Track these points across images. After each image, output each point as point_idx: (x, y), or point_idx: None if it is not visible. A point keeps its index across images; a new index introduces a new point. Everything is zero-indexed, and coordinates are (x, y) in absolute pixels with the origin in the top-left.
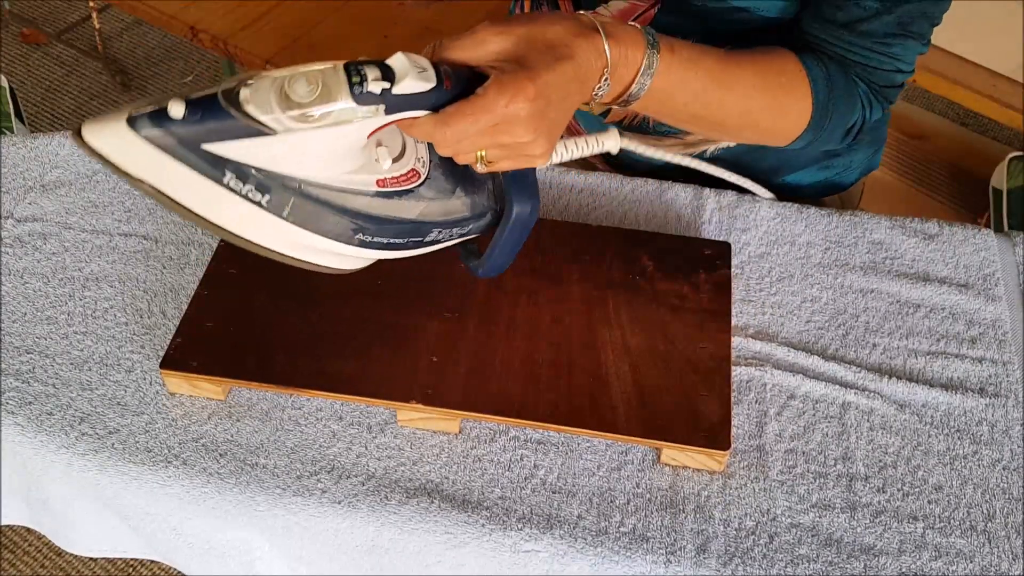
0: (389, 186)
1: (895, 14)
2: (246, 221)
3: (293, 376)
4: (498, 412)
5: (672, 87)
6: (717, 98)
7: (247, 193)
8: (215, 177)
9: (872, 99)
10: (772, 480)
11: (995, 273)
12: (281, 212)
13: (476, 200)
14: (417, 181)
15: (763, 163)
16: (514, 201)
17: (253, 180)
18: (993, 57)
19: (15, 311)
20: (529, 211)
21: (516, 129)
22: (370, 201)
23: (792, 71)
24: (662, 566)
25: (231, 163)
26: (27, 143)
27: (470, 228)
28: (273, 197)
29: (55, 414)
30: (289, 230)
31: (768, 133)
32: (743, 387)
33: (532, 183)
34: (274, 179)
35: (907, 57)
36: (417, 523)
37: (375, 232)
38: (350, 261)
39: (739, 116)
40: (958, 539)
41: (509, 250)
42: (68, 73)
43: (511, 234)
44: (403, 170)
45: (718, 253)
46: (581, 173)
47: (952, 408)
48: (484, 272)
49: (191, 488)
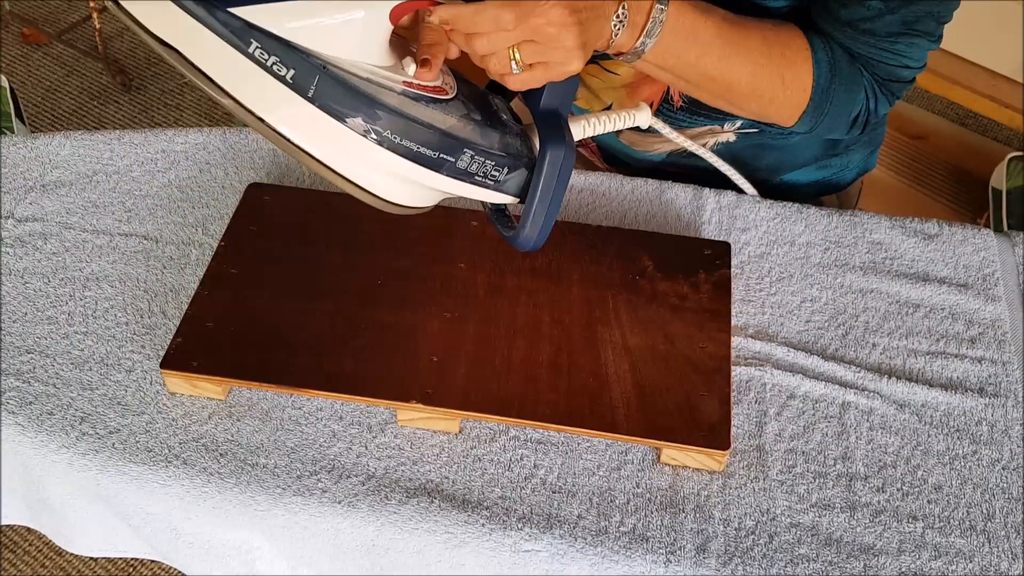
0: (417, 89)
1: (899, 14)
2: (270, 99)
3: (293, 376)
4: (498, 412)
5: (683, 35)
6: (725, 56)
7: (272, 66)
8: (241, 46)
9: (877, 91)
10: (772, 480)
11: (995, 273)
12: (306, 91)
13: (509, 142)
14: (445, 96)
15: (761, 161)
16: (548, 144)
17: (279, 52)
18: (993, 57)
19: (15, 311)
20: (563, 155)
21: (553, 13)
22: (398, 98)
23: (797, 47)
24: (662, 566)
25: (257, 31)
26: (27, 143)
27: (505, 173)
28: (298, 73)
29: (55, 414)
30: (314, 115)
31: (772, 105)
32: (743, 387)
33: (567, 129)
34: (300, 55)
35: (914, 54)
36: (417, 523)
37: (403, 132)
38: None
39: (747, 79)
40: (958, 539)
41: (545, 205)
42: (68, 73)
43: (547, 182)
44: (430, 83)
45: (718, 253)
46: (581, 173)
47: (952, 408)
48: (523, 238)
49: (191, 488)
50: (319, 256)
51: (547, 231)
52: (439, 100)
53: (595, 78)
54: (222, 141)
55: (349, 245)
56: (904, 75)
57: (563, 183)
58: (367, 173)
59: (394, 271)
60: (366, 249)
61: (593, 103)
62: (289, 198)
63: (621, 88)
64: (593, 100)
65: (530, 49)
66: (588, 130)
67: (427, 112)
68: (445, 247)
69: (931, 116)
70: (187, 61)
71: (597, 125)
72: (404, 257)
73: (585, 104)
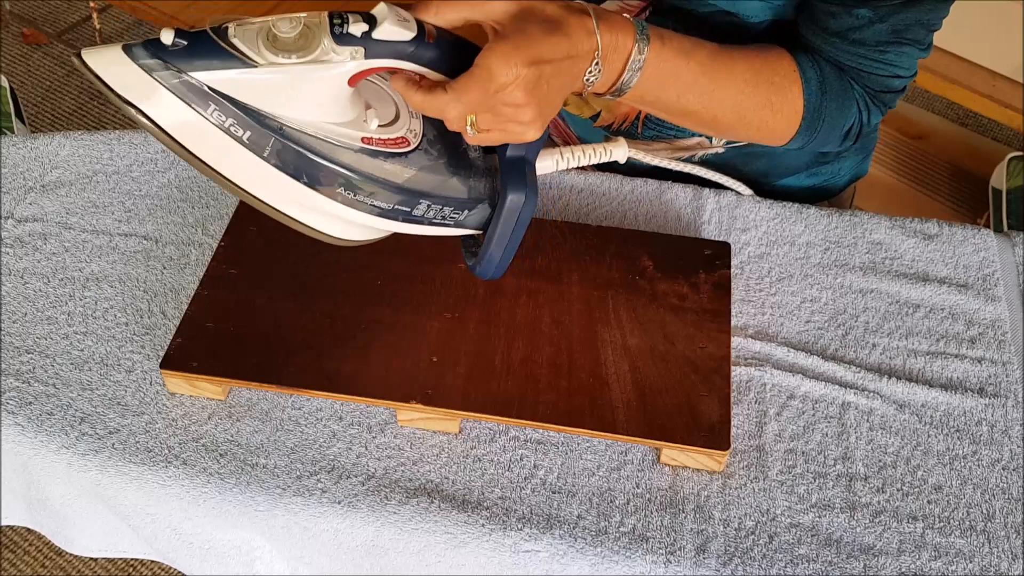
0: (376, 145)
1: (888, 23)
2: (228, 158)
3: (293, 376)
4: (498, 412)
5: (663, 77)
6: (709, 91)
7: (229, 127)
8: (199, 107)
9: (869, 103)
10: (772, 480)
11: (995, 273)
12: (262, 152)
13: (472, 185)
14: (407, 148)
15: (752, 168)
16: (508, 189)
17: (235, 115)
18: (993, 57)
19: (15, 311)
20: (523, 200)
21: (512, 93)
22: (355, 156)
23: (785, 71)
24: (662, 566)
25: (215, 94)
26: (27, 143)
27: (465, 214)
28: (254, 135)
29: (55, 414)
30: (270, 173)
31: (760, 131)
32: (743, 387)
33: (529, 174)
34: (256, 117)
35: (904, 63)
36: (417, 523)
37: (358, 188)
38: (337, 225)
39: (732, 111)
40: (958, 539)
41: (503, 245)
42: (68, 73)
43: (504, 226)
44: (392, 135)
45: (718, 253)
46: (581, 173)
47: (952, 408)
48: (480, 271)
49: (191, 488)
50: (319, 256)
51: (504, 265)
52: (398, 154)
53: None
54: None
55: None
56: (895, 84)
57: (522, 225)
58: (322, 220)
59: (394, 271)
60: (366, 249)
61: (583, 108)
62: None
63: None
64: (583, 106)
65: (486, 119)
66: (561, 164)
67: (384, 167)
68: (445, 247)
69: (931, 116)
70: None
71: (571, 159)
72: (404, 257)
73: (575, 110)
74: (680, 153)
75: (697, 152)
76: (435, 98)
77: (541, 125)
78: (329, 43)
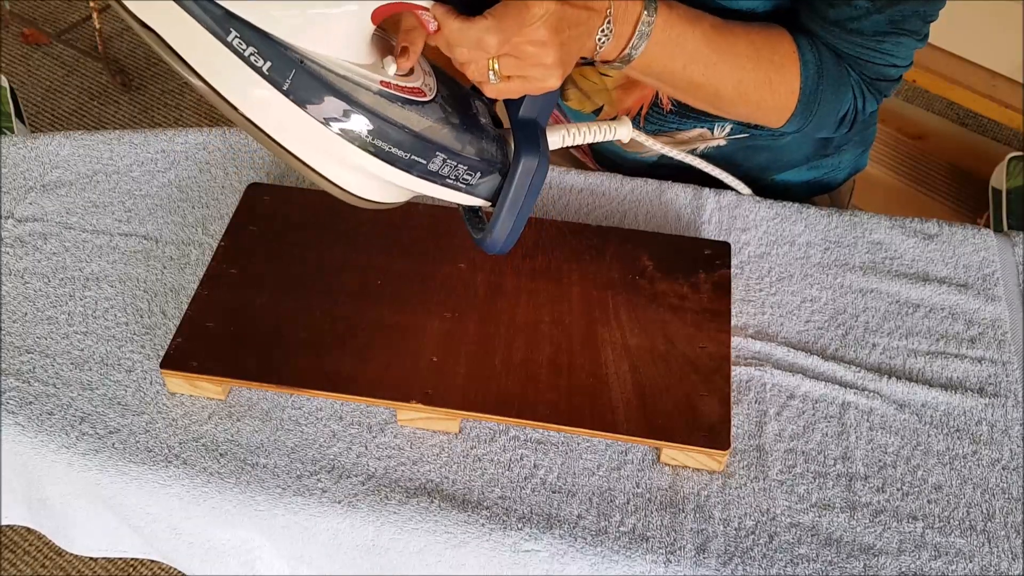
0: (394, 90)
1: (886, 14)
2: (245, 90)
3: (293, 376)
4: (498, 412)
5: (670, 45)
6: (713, 63)
7: (249, 56)
8: (220, 34)
9: (864, 90)
10: (772, 480)
11: (995, 273)
12: (281, 84)
13: (484, 147)
14: (423, 98)
15: (753, 162)
16: (521, 152)
17: (257, 43)
18: (993, 57)
19: (15, 311)
20: (536, 164)
21: (539, 29)
22: (373, 98)
23: (785, 51)
24: (662, 566)
25: (237, 20)
26: (27, 143)
27: (479, 179)
28: (275, 65)
29: (55, 414)
30: (287, 108)
31: (760, 109)
32: (743, 387)
33: (542, 139)
34: (278, 47)
35: (901, 53)
36: (417, 523)
37: (375, 132)
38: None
39: (733, 87)
40: (958, 539)
41: (515, 211)
42: (68, 73)
43: (517, 191)
44: (409, 84)
45: (718, 253)
46: (581, 173)
47: (952, 408)
48: (490, 242)
49: (191, 488)
50: (319, 256)
51: (515, 236)
52: (416, 102)
53: (587, 80)
54: (222, 141)
55: (349, 245)
56: (891, 74)
57: (534, 192)
58: (336, 168)
59: (394, 271)
60: (366, 249)
61: (584, 104)
62: (289, 198)
63: (612, 90)
64: (585, 101)
65: (509, 63)
66: (567, 139)
67: (402, 113)
68: (445, 247)
69: (931, 116)
70: (166, 45)
71: (576, 135)
72: (404, 257)
73: (577, 105)
74: (682, 147)
75: (698, 145)
76: (474, 24)
77: (562, 73)
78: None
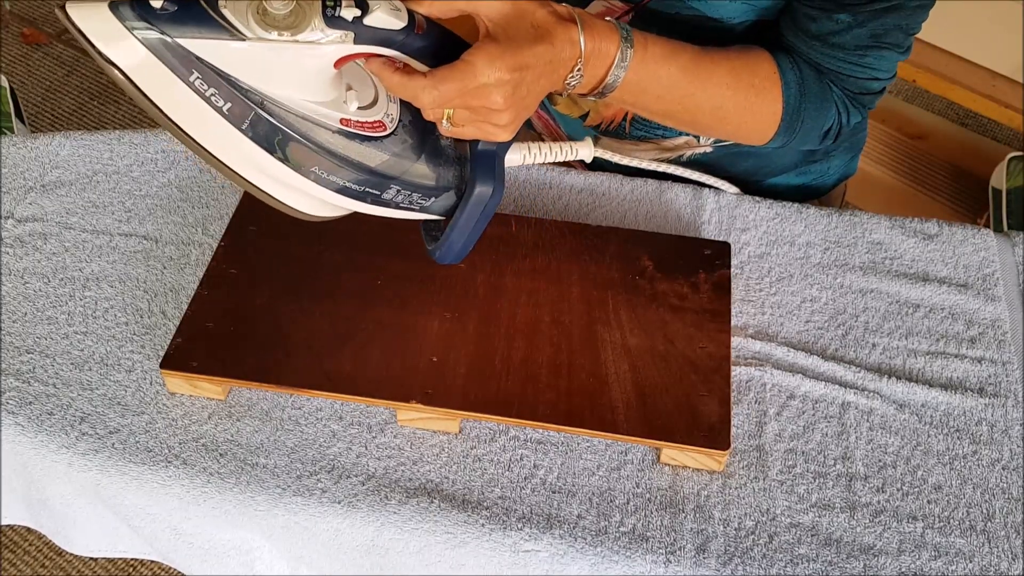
0: (353, 128)
1: (867, 28)
2: (205, 126)
3: (293, 376)
4: (498, 412)
5: (645, 81)
6: (690, 94)
7: (210, 96)
8: (183, 74)
9: (848, 104)
10: (772, 480)
11: (995, 273)
12: (240, 124)
13: (441, 173)
14: (383, 132)
15: (739, 168)
16: (476, 180)
17: (218, 85)
18: (993, 57)
19: (15, 311)
20: (490, 193)
21: (492, 96)
22: (331, 137)
23: (765, 73)
24: (662, 566)
25: (200, 62)
26: (27, 143)
27: (432, 201)
28: (235, 107)
29: (55, 414)
30: (244, 145)
31: (740, 131)
32: (743, 387)
33: (498, 168)
34: (238, 89)
35: (883, 67)
36: (417, 523)
37: (330, 169)
38: (304, 201)
39: (711, 113)
40: (957, 539)
41: (466, 233)
42: (68, 73)
43: (469, 215)
44: (370, 118)
45: (718, 253)
46: (581, 173)
47: (952, 408)
48: (440, 255)
49: (191, 488)
50: (319, 256)
51: (464, 252)
52: (374, 138)
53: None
54: None
55: (349, 245)
56: (873, 87)
57: (486, 216)
58: (291, 195)
59: (394, 271)
60: (366, 249)
61: (572, 109)
62: None
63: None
64: (572, 106)
65: (462, 114)
66: (528, 158)
67: (359, 150)
68: None
69: (931, 116)
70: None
71: (538, 155)
72: (404, 257)
73: (565, 110)
74: (668, 153)
75: (685, 152)
76: (412, 82)
77: (515, 128)
78: (319, 24)
